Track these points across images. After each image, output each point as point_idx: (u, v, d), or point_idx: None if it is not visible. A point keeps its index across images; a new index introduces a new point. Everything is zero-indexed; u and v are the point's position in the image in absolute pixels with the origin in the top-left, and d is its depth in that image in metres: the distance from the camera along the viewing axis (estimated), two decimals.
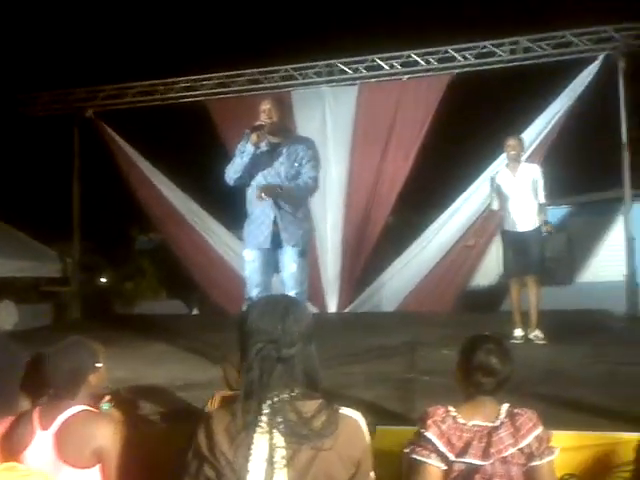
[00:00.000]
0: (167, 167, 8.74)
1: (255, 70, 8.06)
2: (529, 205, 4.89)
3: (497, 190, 4.98)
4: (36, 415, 1.92)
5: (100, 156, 8.81)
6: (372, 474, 1.49)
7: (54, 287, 10.43)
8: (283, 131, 3.80)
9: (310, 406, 1.41)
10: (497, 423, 1.82)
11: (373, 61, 7.71)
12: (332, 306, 7.88)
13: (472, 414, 1.86)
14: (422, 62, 7.53)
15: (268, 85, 8.03)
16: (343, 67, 7.82)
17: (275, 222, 3.69)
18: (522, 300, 4.96)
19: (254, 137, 3.61)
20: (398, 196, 7.76)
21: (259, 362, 1.42)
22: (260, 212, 3.73)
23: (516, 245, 4.90)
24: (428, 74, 7.59)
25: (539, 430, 1.81)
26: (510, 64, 7.38)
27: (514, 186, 4.89)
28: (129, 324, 6.99)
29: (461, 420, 1.83)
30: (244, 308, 2.92)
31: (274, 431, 1.36)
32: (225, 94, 8.18)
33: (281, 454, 1.35)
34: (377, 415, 2.63)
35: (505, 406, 1.88)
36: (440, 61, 7.49)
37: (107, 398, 2.30)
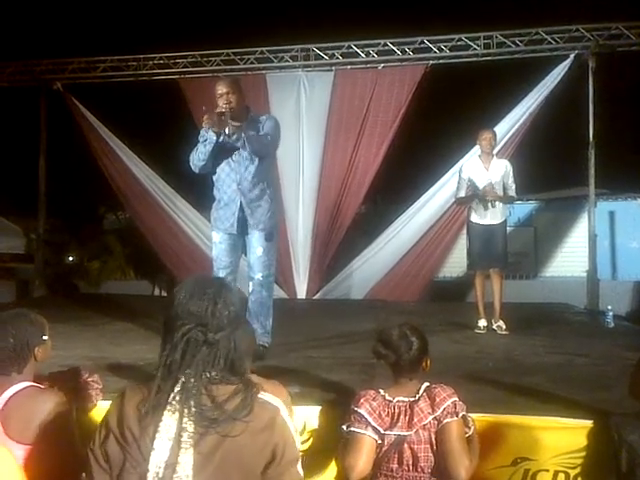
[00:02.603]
0: (137, 145, 8.57)
1: (230, 50, 7.95)
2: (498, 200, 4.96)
3: (467, 180, 5.04)
4: None
5: (68, 130, 8.58)
6: (299, 468, 1.44)
7: (18, 263, 10.18)
8: (244, 113, 3.70)
9: (225, 390, 1.38)
10: (416, 397, 2.10)
11: (349, 47, 7.69)
12: (302, 292, 7.89)
13: (397, 393, 2.14)
14: (398, 51, 7.55)
15: (243, 66, 7.94)
16: (319, 52, 7.78)
17: (241, 208, 3.68)
18: (486, 292, 5.06)
19: (217, 122, 3.52)
20: (370, 186, 7.80)
21: (184, 344, 1.39)
22: (227, 198, 3.71)
23: (482, 238, 4.97)
24: (403, 64, 7.61)
25: (452, 399, 2.07)
26: (484, 58, 7.47)
27: (485, 179, 4.95)
28: (94, 303, 6.87)
29: (388, 397, 2.12)
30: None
31: (185, 411, 1.34)
32: (199, 73, 8.05)
33: (188, 435, 1.32)
34: (341, 397, 2.66)
35: (424, 384, 2.15)
36: (415, 51, 7.53)
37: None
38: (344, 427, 2.11)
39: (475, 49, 7.39)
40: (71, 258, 12.35)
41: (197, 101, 7.88)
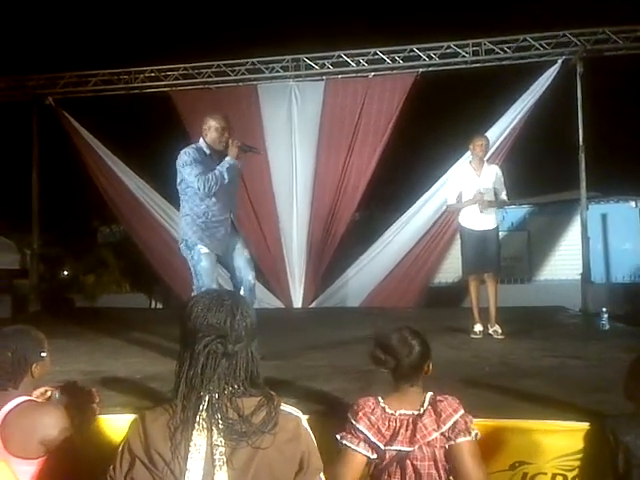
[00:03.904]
0: (130, 157, 8.58)
1: (221, 62, 7.99)
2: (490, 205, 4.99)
3: (459, 186, 5.07)
4: None
5: (61, 145, 8.58)
6: (322, 477, 1.45)
7: (13, 279, 10.13)
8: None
9: (249, 403, 1.38)
10: (421, 411, 1.94)
11: (339, 57, 7.76)
12: (297, 301, 7.91)
13: (399, 403, 1.99)
14: (388, 60, 7.62)
15: (234, 78, 7.98)
16: (310, 62, 7.83)
17: (231, 231, 4.01)
18: (481, 297, 5.08)
19: (237, 152, 3.90)
20: (363, 193, 7.84)
21: (205, 357, 1.38)
22: (217, 222, 3.94)
23: (475, 243, 4.99)
24: (393, 72, 7.68)
25: (459, 414, 1.92)
26: (473, 65, 7.55)
27: (477, 185, 4.98)
28: (90, 317, 6.86)
29: (389, 410, 1.96)
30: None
31: (213, 429, 1.33)
32: (190, 85, 8.08)
33: (220, 452, 1.32)
34: (336, 406, 2.66)
35: (429, 394, 2.00)
36: (405, 59, 7.60)
37: (57, 389, 2.22)
38: (338, 437, 2.01)
39: (464, 56, 7.47)
40: (66, 272, 12.32)
41: (188, 112, 7.93)
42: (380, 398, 2.02)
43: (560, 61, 7.25)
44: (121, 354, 4.39)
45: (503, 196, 5.04)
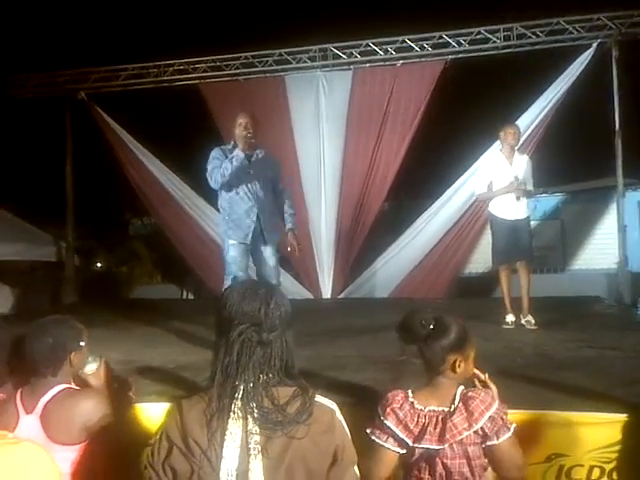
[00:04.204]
0: (160, 150, 8.69)
1: (249, 54, 8.00)
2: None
3: (490, 175, 4.99)
4: (19, 398, 1.90)
5: (93, 138, 8.74)
6: (356, 469, 1.46)
7: (49, 271, 10.40)
8: (254, 145, 4.20)
9: (284, 392, 1.39)
10: (452, 408, 1.85)
11: (367, 46, 7.67)
12: (326, 292, 7.92)
13: (429, 399, 1.90)
14: (416, 47, 7.50)
15: (262, 69, 7.98)
16: (337, 52, 7.78)
17: (259, 222, 4.15)
18: (513, 287, 5.00)
19: (246, 144, 4.05)
20: (392, 183, 7.78)
21: (240, 344, 1.39)
22: (243, 213, 4.15)
23: (506, 232, 4.91)
24: (422, 60, 7.57)
25: (492, 411, 1.83)
26: (504, 51, 7.37)
27: (509, 174, 4.90)
28: (123, 308, 6.99)
29: (418, 406, 1.88)
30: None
31: (248, 417, 1.34)
32: (218, 77, 8.12)
33: (255, 440, 1.33)
34: (368, 396, 2.66)
35: (460, 389, 1.91)
36: (434, 47, 7.47)
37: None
38: (368, 431, 1.95)
39: (495, 42, 7.30)
40: (99, 264, 12.60)
41: (217, 104, 7.98)
42: (410, 392, 1.93)
43: (595, 45, 7.04)
44: (155, 344, 4.47)
45: (529, 187, 4.95)
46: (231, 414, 1.35)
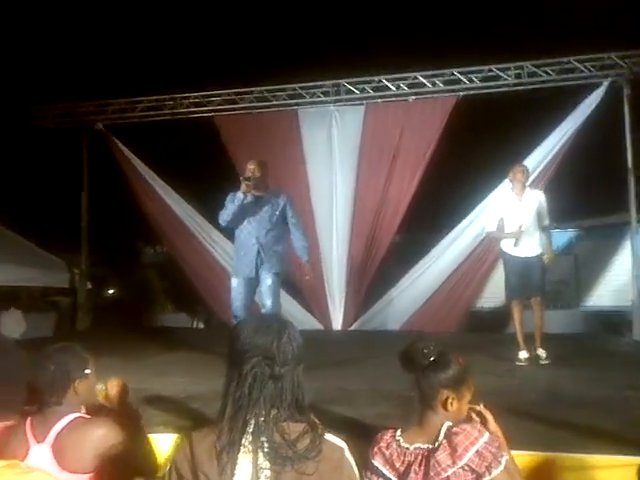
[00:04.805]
0: (175, 181, 8.80)
1: (263, 88, 8.16)
2: (533, 231, 4.91)
3: (500, 213, 5.01)
4: (29, 427, 1.91)
5: (109, 168, 8.91)
6: None
7: (61, 297, 10.46)
8: (264, 187, 4.72)
9: (295, 428, 1.39)
10: (436, 445, 1.81)
11: (380, 81, 7.80)
12: (337, 323, 7.88)
13: (417, 436, 1.87)
14: (428, 84, 7.62)
15: (275, 103, 8.13)
16: (350, 87, 7.92)
17: (259, 256, 4.63)
18: (526, 322, 4.95)
19: (244, 186, 4.53)
20: (404, 216, 7.79)
21: (252, 378, 1.40)
22: (247, 249, 4.66)
23: (518, 269, 4.92)
24: (434, 96, 7.67)
25: (478, 445, 1.76)
26: (515, 88, 7.46)
27: (519, 211, 4.91)
28: (135, 336, 7.01)
29: (404, 444, 1.86)
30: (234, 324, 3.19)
31: (258, 451, 1.34)
32: (233, 110, 8.28)
33: (265, 475, 1.33)
34: (379, 432, 2.63)
35: (445, 425, 1.85)
36: (446, 83, 7.58)
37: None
38: (364, 473, 1.90)
39: (506, 79, 7.41)
40: (112, 291, 12.64)
41: (231, 136, 8.13)
42: (399, 431, 1.91)
43: (606, 83, 7.12)
44: (165, 373, 4.48)
45: (546, 222, 4.96)
46: (241, 448, 1.35)
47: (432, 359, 1.92)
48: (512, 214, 4.92)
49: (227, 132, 8.18)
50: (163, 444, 2.58)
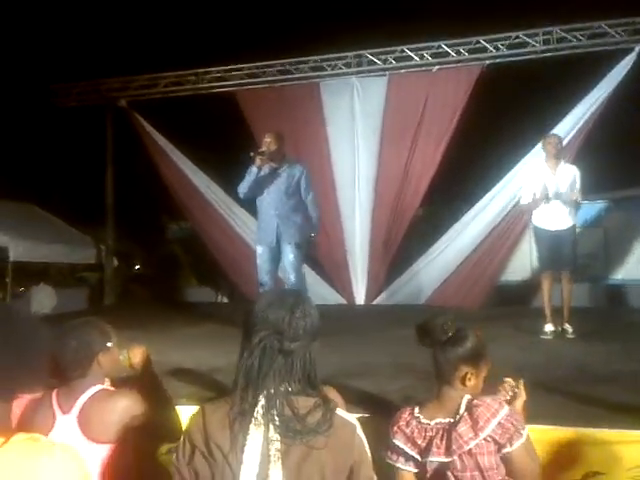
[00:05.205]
0: (196, 155, 8.83)
1: (285, 61, 8.05)
2: (565, 205, 4.80)
3: (534, 185, 4.89)
4: (54, 399, 1.95)
5: (132, 145, 8.96)
6: None
7: (89, 273, 10.69)
8: (280, 158, 4.88)
9: (305, 402, 1.39)
10: (457, 418, 1.80)
11: (403, 52, 7.63)
12: (360, 298, 7.87)
13: (436, 411, 1.86)
14: (452, 53, 7.41)
15: (297, 75, 8.03)
16: (372, 58, 7.75)
17: (278, 227, 4.80)
18: (554, 296, 4.87)
19: (257, 160, 4.69)
20: (427, 189, 7.65)
21: (260, 351, 1.41)
22: (268, 219, 4.83)
23: (549, 242, 4.85)
24: (459, 65, 7.46)
25: (499, 417, 1.76)
26: (543, 55, 7.20)
27: (553, 184, 4.80)
28: (159, 310, 7.12)
29: (424, 420, 1.85)
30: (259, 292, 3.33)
31: (269, 424, 1.35)
32: (255, 84, 8.20)
33: (276, 448, 1.33)
34: (400, 407, 2.62)
35: (465, 398, 1.84)
36: (471, 52, 7.36)
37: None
38: (383, 452, 1.92)
39: (534, 46, 7.15)
40: (137, 267, 12.85)
41: (253, 112, 8.06)
42: (417, 408, 1.90)
43: (637, 49, 6.82)
44: (188, 346, 4.53)
45: (574, 196, 4.83)
46: (253, 420, 1.36)
47: (450, 334, 1.91)
48: (544, 186, 4.81)
49: (248, 107, 8.12)
50: (186, 415, 2.61)
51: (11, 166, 11.60)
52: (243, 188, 4.86)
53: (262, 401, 1.38)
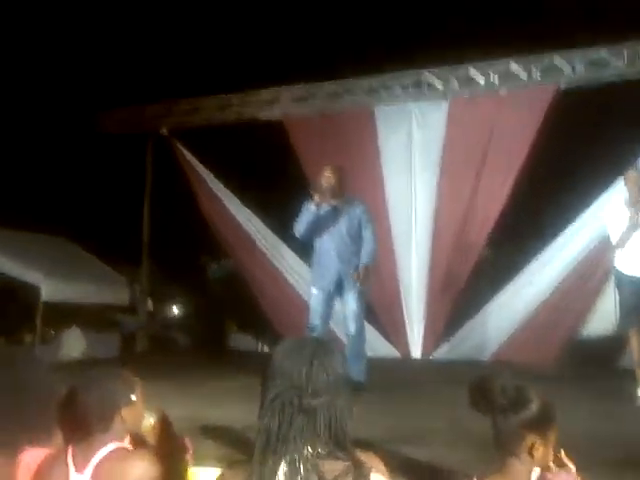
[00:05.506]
0: (241, 190, 9.05)
1: (335, 81, 8.24)
2: None
3: (618, 226, 4.81)
4: (70, 456, 2.00)
5: (173, 176, 9.31)
6: None
7: (122, 315, 11.00)
8: (340, 195, 4.95)
9: (334, 466, 1.35)
10: None
11: (465, 72, 7.64)
12: (416, 351, 7.74)
13: None
14: (523, 72, 7.37)
15: (350, 98, 8.17)
16: (432, 80, 7.80)
17: (339, 271, 4.91)
18: None
19: (316, 197, 4.79)
20: (494, 227, 7.52)
21: (278, 409, 1.38)
22: (327, 261, 4.95)
23: (636, 290, 4.73)
24: (529, 87, 7.41)
25: None
26: (628, 76, 7.05)
27: (637, 224, 4.70)
28: (196, 359, 7.23)
29: None
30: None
31: None
32: (302, 108, 8.39)
33: None
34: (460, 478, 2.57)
35: (536, 472, 1.78)
36: (544, 72, 7.30)
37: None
38: None
39: (616, 65, 7.03)
40: (176, 310, 13.14)
41: (301, 141, 8.25)
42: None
43: None
44: (224, 401, 4.57)
45: None
46: None
47: (511, 397, 1.84)
48: (627, 227, 4.72)
49: (296, 135, 8.32)
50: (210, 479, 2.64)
51: (45, 197, 12.26)
52: (300, 227, 4.96)
53: (284, 466, 1.36)
